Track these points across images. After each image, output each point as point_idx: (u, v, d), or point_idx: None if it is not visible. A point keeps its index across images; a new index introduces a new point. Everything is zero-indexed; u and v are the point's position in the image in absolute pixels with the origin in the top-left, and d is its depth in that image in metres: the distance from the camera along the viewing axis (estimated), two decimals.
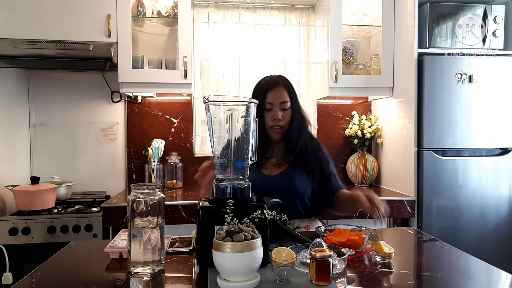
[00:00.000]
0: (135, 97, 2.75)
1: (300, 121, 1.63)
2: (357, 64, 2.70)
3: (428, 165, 2.31)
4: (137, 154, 2.76)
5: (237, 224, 1.00)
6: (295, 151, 1.61)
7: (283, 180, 1.59)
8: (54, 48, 2.28)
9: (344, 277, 1.08)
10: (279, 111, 1.57)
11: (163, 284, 1.08)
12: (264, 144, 1.60)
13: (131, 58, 2.38)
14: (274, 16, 2.84)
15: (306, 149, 1.62)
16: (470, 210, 2.33)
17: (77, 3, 2.28)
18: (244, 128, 1.19)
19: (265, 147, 1.61)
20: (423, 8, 2.39)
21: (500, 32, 2.42)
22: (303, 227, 1.60)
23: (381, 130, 2.80)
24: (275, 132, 1.59)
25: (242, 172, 1.19)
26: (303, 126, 1.64)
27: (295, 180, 1.58)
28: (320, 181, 1.61)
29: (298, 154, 1.61)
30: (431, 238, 1.49)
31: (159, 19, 2.61)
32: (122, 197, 2.37)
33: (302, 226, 1.60)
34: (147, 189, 1.11)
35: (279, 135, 1.60)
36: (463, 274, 1.16)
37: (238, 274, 0.97)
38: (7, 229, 2.11)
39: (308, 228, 1.60)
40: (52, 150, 2.68)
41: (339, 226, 1.38)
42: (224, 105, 1.20)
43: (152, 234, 1.10)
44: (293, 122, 1.60)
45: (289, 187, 1.57)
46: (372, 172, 2.76)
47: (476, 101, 2.34)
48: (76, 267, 1.21)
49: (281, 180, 1.59)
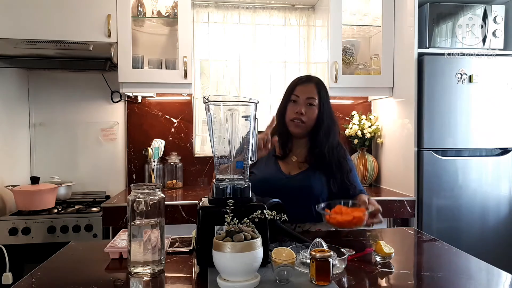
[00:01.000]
0: (135, 97, 2.75)
1: (330, 123, 1.59)
2: (357, 64, 2.70)
3: (428, 165, 2.31)
4: (137, 154, 2.76)
5: (237, 224, 1.00)
6: (319, 152, 1.57)
7: (300, 181, 1.56)
8: (54, 48, 2.28)
9: (344, 277, 1.08)
10: (303, 105, 1.55)
11: (163, 284, 1.08)
12: (285, 137, 1.60)
13: (131, 58, 2.38)
14: (274, 16, 2.84)
15: (331, 153, 1.58)
16: (470, 210, 2.33)
17: (77, 3, 2.28)
18: (244, 128, 1.19)
19: (286, 140, 1.60)
20: (423, 8, 2.39)
21: (500, 32, 2.42)
22: (313, 230, 1.58)
23: (381, 130, 2.80)
24: (295, 124, 1.56)
25: (242, 172, 1.19)
26: (332, 130, 1.61)
27: (312, 183, 1.55)
28: (340, 189, 1.58)
29: (321, 156, 1.57)
30: (431, 238, 1.49)
31: (159, 19, 2.61)
32: (122, 197, 2.37)
33: (313, 229, 1.58)
34: (147, 189, 1.10)
35: (298, 129, 1.57)
36: (463, 274, 1.16)
37: (238, 274, 0.97)
38: (7, 229, 2.11)
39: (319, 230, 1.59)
40: (52, 150, 2.68)
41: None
42: (224, 105, 1.20)
43: (152, 234, 1.10)
44: (322, 122, 1.57)
45: (306, 188, 1.55)
46: (372, 172, 2.76)
47: (476, 101, 2.34)
48: (76, 267, 1.21)
49: (299, 181, 1.56)
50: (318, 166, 1.58)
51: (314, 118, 1.57)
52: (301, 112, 1.54)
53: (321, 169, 1.58)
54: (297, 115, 1.55)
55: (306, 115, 1.55)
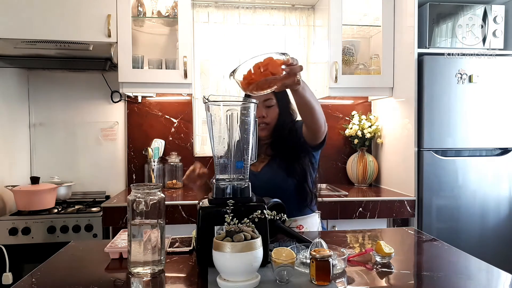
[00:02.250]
0: (135, 97, 2.75)
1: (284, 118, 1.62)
2: (357, 64, 2.70)
3: (428, 165, 2.31)
4: (137, 154, 2.76)
5: (237, 224, 1.00)
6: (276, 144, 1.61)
7: (264, 175, 1.59)
8: (54, 48, 2.28)
9: (344, 277, 1.08)
10: (263, 108, 1.59)
11: (163, 284, 1.08)
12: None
13: (131, 58, 2.38)
14: (274, 16, 2.84)
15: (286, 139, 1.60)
16: (470, 210, 2.33)
17: (77, 3, 2.28)
18: (244, 128, 1.19)
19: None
20: (423, 8, 2.39)
21: (500, 32, 2.42)
22: (294, 227, 1.57)
23: (381, 130, 2.80)
24: (260, 128, 1.59)
25: (242, 172, 1.19)
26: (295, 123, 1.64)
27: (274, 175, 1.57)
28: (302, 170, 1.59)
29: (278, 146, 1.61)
30: (431, 238, 1.49)
31: (159, 19, 2.61)
32: (122, 197, 2.37)
33: (294, 226, 1.57)
34: (147, 189, 1.11)
35: (264, 131, 1.61)
36: (463, 274, 1.16)
37: (238, 274, 0.97)
38: (7, 229, 2.11)
39: (300, 227, 1.58)
40: (52, 150, 2.68)
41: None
42: (224, 105, 1.20)
43: (152, 234, 1.10)
44: (285, 116, 1.61)
45: (271, 182, 1.56)
46: (372, 172, 2.76)
47: (476, 101, 2.34)
48: (76, 267, 1.21)
49: (263, 175, 1.59)
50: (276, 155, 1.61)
51: (275, 117, 1.61)
52: (262, 115, 1.58)
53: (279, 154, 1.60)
54: (260, 119, 1.58)
55: (268, 116, 1.59)
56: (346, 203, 2.30)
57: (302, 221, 1.61)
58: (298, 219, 1.60)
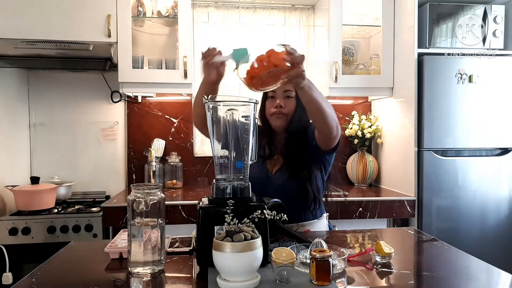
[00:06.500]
0: (135, 97, 2.75)
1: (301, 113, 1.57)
2: (357, 64, 2.70)
3: (428, 165, 2.31)
4: (137, 154, 2.76)
5: (237, 224, 1.00)
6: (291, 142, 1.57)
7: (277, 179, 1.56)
8: (54, 48, 2.28)
9: (344, 277, 1.08)
10: (282, 98, 1.55)
11: (163, 284, 1.08)
12: (269, 136, 1.60)
13: (131, 58, 2.38)
14: (274, 16, 2.84)
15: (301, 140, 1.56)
16: (470, 210, 2.33)
17: (77, 3, 2.28)
18: (244, 128, 1.19)
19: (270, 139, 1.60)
20: (423, 8, 2.39)
21: (500, 32, 2.42)
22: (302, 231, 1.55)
23: (381, 130, 2.80)
24: (276, 117, 1.55)
25: (242, 172, 1.19)
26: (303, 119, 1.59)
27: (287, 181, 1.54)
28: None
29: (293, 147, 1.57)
30: (431, 238, 1.49)
31: (159, 19, 2.61)
32: (122, 197, 2.37)
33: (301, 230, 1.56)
34: (147, 189, 1.10)
35: (280, 121, 1.56)
36: (463, 274, 1.16)
37: (238, 274, 0.97)
38: (7, 229, 2.11)
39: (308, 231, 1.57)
40: (52, 150, 2.68)
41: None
42: (224, 105, 1.20)
43: (152, 234, 1.10)
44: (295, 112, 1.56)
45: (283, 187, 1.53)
46: (372, 172, 2.76)
47: (476, 101, 2.34)
48: (76, 267, 1.21)
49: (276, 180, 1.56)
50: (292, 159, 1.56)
51: (293, 109, 1.57)
52: (280, 105, 1.54)
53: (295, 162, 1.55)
54: (277, 108, 1.55)
55: (286, 107, 1.55)
56: (346, 203, 2.30)
57: (310, 226, 1.59)
58: (306, 224, 1.58)
